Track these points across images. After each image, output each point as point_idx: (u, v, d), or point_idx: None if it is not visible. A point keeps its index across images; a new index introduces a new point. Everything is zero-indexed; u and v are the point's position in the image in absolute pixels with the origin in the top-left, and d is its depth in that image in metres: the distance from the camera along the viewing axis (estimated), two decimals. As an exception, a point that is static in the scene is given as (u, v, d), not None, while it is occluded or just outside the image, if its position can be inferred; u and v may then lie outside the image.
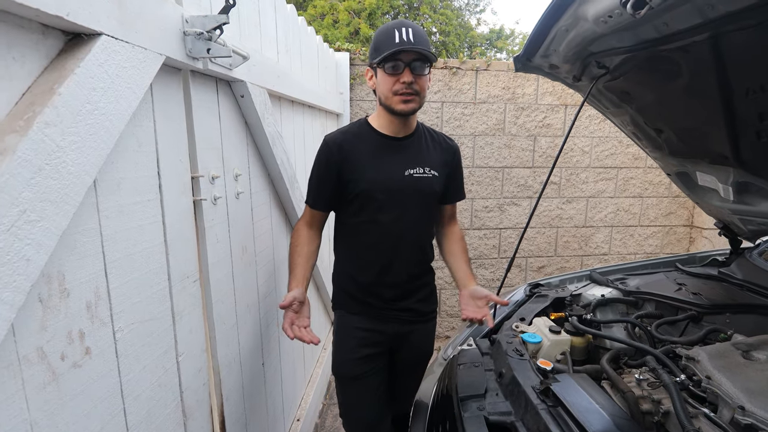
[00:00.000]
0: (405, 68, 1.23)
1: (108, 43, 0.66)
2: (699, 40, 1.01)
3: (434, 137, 1.44)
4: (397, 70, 1.23)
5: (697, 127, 1.38)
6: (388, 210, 1.33)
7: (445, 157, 1.42)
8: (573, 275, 1.87)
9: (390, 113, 1.31)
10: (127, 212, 0.78)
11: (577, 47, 1.28)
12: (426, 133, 1.43)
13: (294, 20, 1.83)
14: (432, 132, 1.45)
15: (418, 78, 1.25)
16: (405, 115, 1.29)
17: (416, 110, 1.30)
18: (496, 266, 3.45)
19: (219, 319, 1.15)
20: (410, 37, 1.21)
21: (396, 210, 1.33)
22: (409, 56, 1.22)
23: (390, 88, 1.26)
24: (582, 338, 1.34)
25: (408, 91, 1.24)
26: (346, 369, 1.41)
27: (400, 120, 1.33)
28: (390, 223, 1.33)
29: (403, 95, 1.25)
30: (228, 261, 1.21)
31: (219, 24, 0.89)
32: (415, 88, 1.25)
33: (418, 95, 1.27)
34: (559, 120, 3.28)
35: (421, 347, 1.51)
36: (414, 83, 1.24)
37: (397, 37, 1.22)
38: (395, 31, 1.22)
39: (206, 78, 1.07)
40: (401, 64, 1.23)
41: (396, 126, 1.34)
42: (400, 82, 1.24)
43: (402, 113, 1.28)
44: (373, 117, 1.39)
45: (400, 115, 1.29)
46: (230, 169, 1.21)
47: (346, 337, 1.42)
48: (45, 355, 0.61)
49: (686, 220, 3.59)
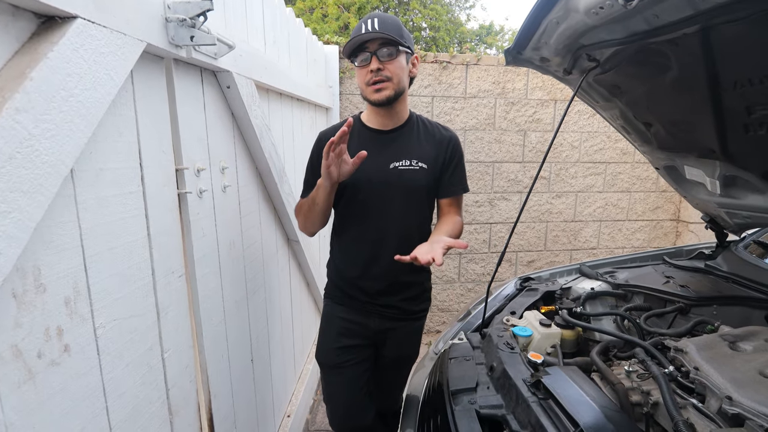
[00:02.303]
0: (372, 57, 1.22)
1: (84, 26, 0.63)
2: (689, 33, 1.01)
3: (428, 128, 1.41)
4: (365, 62, 1.23)
5: (685, 120, 1.38)
6: (373, 203, 1.31)
7: (438, 149, 1.38)
8: (563, 269, 1.88)
9: (370, 104, 1.30)
10: (107, 204, 0.75)
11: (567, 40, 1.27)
12: (420, 123, 1.40)
13: (282, 11, 1.80)
14: (427, 123, 1.42)
15: (388, 63, 1.23)
16: (382, 104, 1.27)
17: (392, 97, 1.26)
18: (487, 261, 3.46)
19: (206, 315, 1.12)
20: (375, 26, 1.21)
21: (380, 203, 1.31)
22: (374, 44, 1.22)
23: (363, 80, 1.26)
24: (572, 331, 1.34)
25: (378, 79, 1.23)
26: (327, 357, 1.42)
27: (385, 111, 1.31)
28: (375, 216, 1.32)
29: (374, 84, 1.24)
30: (215, 256, 1.18)
31: (203, 10, 0.86)
32: (385, 75, 1.23)
33: (391, 81, 1.24)
34: (549, 115, 3.28)
35: (404, 346, 1.48)
36: (383, 70, 1.23)
37: (363, 29, 1.21)
38: (362, 24, 1.23)
39: (190, 67, 1.04)
40: (368, 54, 1.23)
41: (383, 118, 1.33)
42: (369, 71, 1.23)
43: (377, 102, 1.27)
44: (365, 113, 1.40)
45: (377, 104, 1.28)
46: (216, 161, 1.18)
47: (329, 326, 1.43)
48: (20, 352, 0.58)
49: (673, 215, 3.63)
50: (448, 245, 1.10)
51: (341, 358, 1.39)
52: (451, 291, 3.49)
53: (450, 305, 3.51)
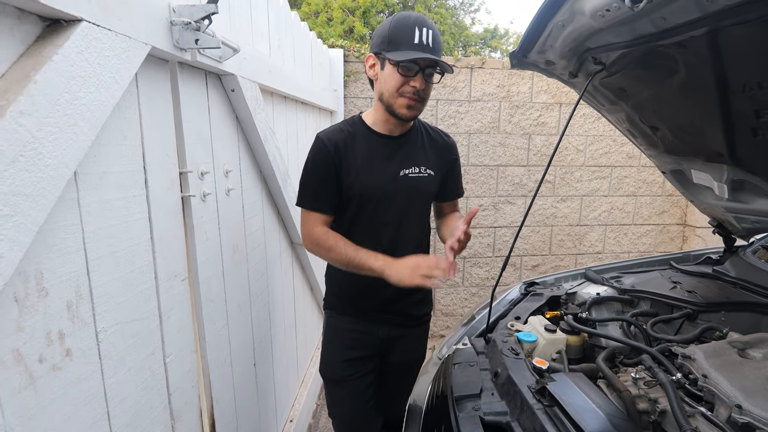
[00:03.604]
0: (419, 72, 1.17)
1: (89, 30, 0.63)
2: (697, 35, 1.00)
3: (431, 134, 1.39)
4: (410, 72, 1.17)
5: (692, 124, 1.37)
6: (384, 212, 1.29)
7: (442, 155, 1.38)
8: (568, 274, 1.86)
9: (389, 114, 1.24)
10: (110, 208, 0.75)
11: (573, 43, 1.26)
12: (423, 129, 1.38)
13: (287, 14, 1.80)
14: (429, 128, 1.41)
15: (428, 85, 1.21)
16: (407, 120, 1.25)
17: (417, 116, 1.27)
18: (491, 265, 3.44)
19: (209, 319, 1.11)
20: (430, 41, 1.15)
21: (392, 212, 1.29)
22: (425, 61, 1.16)
23: (396, 88, 1.18)
24: (577, 337, 1.32)
25: (415, 98, 1.19)
26: (334, 371, 1.38)
27: (398, 121, 1.27)
28: (386, 224, 1.30)
29: (409, 99, 1.19)
30: (218, 259, 1.17)
31: (207, 14, 0.86)
32: (422, 95, 1.20)
33: (423, 102, 1.23)
34: (554, 118, 3.27)
35: (413, 352, 1.48)
36: (423, 90, 1.20)
37: (417, 38, 1.14)
38: (416, 29, 1.14)
39: (195, 70, 1.04)
40: (416, 67, 1.16)
41: (392, 124, 1.29)
42: (410, 85, 1.17)
43: (404, 118, 1.23)
44: (368, 114, 1.32)
45: (401, 119, 1.23)
46: (220, 164, 1.18)
47: (334, 339, 1.39)
48: (21, 357, 0.58)
49: (679, 219, 3.60)
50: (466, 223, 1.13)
51: (349, 371, 1.36)
52: (455, 295, 3.48)
53: (454, 310, 3.50)
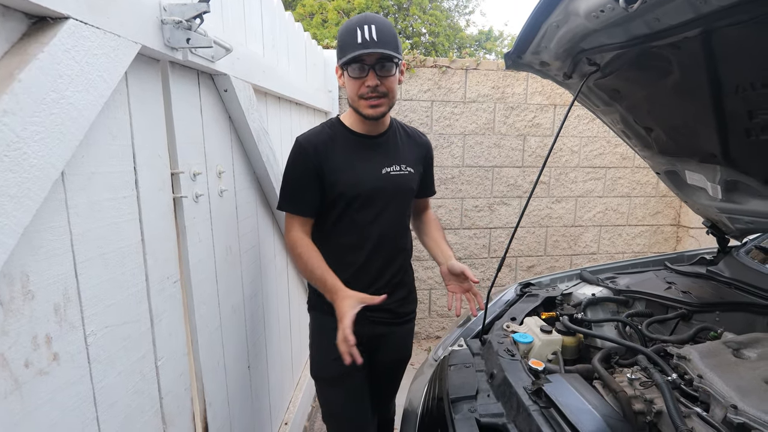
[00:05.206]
0: (370, 71, 1.16)
1: (76, 27, 0.62)
2: (690, 36, 1.00)
3: (408, 133, 1.42)
4: (362, 73, 1.17)
5: (686, 125, 1.37)
6: (367, 210, 1.29)
7: (419, 153, 1.41)
8: (563, 274, 1.86)
9: (360, 116, 1.26)
10: (99, 209, 0.73)
11: (568, 44, 1.26)
12: (400, 128, 1.40)
13: (281, 14, 1.79)
14: (405, 127, 1.43)
15: (385, 79, 1.19)
16: (375, 119, 1.25)
17: (385, 113, 1.26)
18: (487, 266, 3.44)
19: (201, 322, 1.10)
20: (373, 36, 1.13)
21: (374, 210, 1.29)
22: (373, 57, 1.15)
23: (356, 92, 1.20)
24: (573, 338, 1.32)
25: (374, 95, 1.19)
26: (325, 371, 1.37)
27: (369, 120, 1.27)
28: (369, 223, 1.30)
29: (369, 99, 1.19)
30: (211, 261, 1.16)
31: (199, 12, 0.85)
32: (381, 91, 1.19)
33: (386, 97, 1.21)
34: (549, 120, 3.28)
35: (398, 351, 1.47)
36: (380, 86, 1.18)
37: (359, 37, 1.13)
38: (357, 29, 1.14)
39: (187, 70, 1.03)
40: (366, 67, 1.16)
41: (368, 125, 1.30)
42: (365, 85, 1.18)
43: (371, 118, 1.23)
44: (345, 115, 1.34)
45: (368, 119, 1.24)
46: (213, 165, 1.17)
47: (322, 339, 1.38)
48: (6, 361, 0.56)
49: (673, 220, 3.62)
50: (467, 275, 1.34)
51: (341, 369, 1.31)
52: (451, 296, 3.47)
53: (449, 311, 3.49)
